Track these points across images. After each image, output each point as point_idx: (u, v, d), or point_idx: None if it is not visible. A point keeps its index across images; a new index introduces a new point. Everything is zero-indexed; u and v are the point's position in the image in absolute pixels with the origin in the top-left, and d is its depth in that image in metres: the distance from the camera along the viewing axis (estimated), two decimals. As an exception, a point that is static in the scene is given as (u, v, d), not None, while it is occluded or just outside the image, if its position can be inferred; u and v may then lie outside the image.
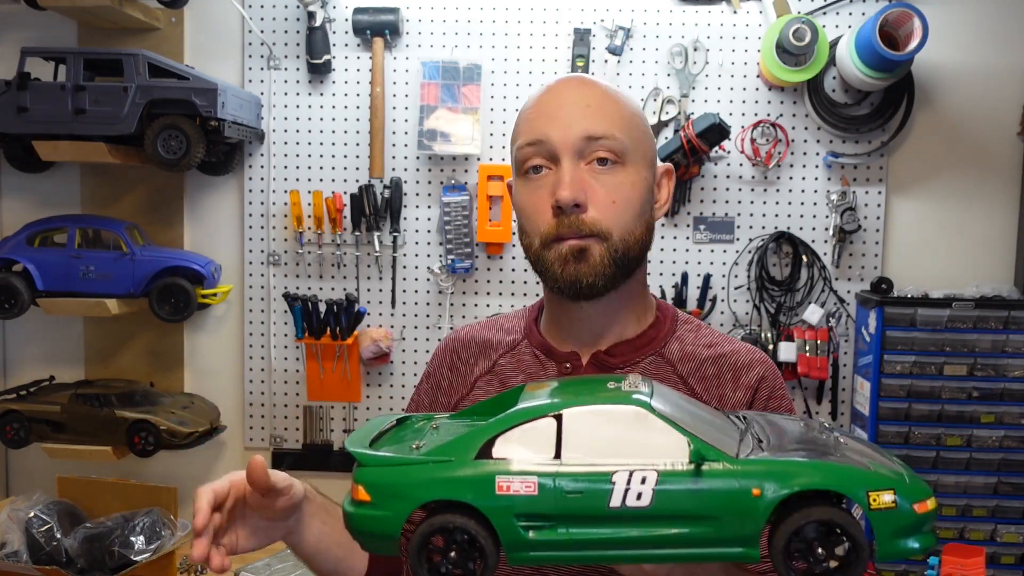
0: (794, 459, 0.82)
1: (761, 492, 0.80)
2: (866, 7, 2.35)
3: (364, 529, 0.86)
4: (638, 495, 0.80)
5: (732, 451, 0.83)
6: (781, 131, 2.37)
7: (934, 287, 2.33)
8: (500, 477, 0.82)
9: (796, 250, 2.39)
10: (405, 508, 0.83)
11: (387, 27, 2.38)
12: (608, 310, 1.19)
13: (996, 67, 2.37)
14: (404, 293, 2.48)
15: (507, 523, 0.81)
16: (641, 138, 1.18)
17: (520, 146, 1.17)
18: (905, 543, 0.80)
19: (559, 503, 0.81)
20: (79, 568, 2.05)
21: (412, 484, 0.83)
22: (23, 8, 2.32)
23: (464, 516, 0.82)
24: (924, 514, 0.80)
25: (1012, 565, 2.23)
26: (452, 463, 0.84)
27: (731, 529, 0.80)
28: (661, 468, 0.81)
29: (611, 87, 1.21)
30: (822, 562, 0.79)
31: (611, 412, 0.84)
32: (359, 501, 0.85)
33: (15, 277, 2.27)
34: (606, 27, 2.37)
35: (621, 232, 1.14)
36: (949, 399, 2.21)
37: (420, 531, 0.82)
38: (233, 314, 2.55)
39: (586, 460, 0.82)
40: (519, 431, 0.85)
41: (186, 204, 2.53)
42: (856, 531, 0.78)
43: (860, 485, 0.79)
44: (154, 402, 2.37)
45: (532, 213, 1.16)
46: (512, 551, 0.82)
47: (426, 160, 2.45)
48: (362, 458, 0.86)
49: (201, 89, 2.17)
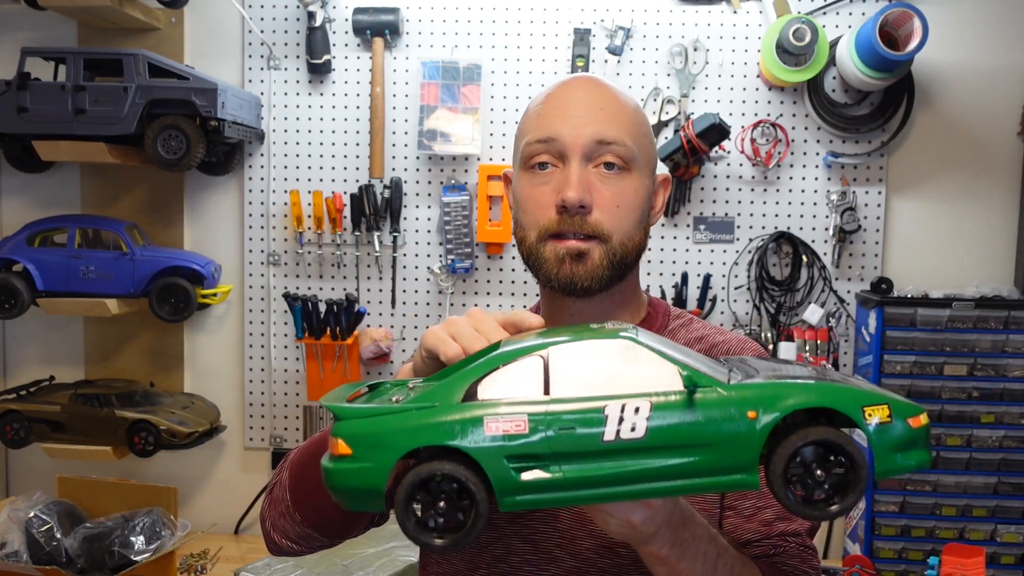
0: (786, 381, 0.81)
1: (757, 415, 0.78)
2: (866, 7, 2.35)
3: (347, 485, 0.81)
4: (632, 427, 0.78)
5: (723, 379, 0.82)
6: (781, 131, 2.37)
7: (934, 287, 2.33)
8: (489, 417, 0.79)
9: (796, 250, 2.39)
10: (390, 458, 0.79)
11: (387, 27, 2.38)
12: (601, 308, 1.20)
13: (996, 67, 2.37)
14: (404, 293, 2.48)
15: (498, 465, 0.78)
16: (647, 146, 1.20)
17: (529, 141, 1.17)
18: (903, 459, 0.80)
19: (551, 440, 0.79)
20: (79, 568, 2.05)
21: (395, 432, 0.79)
22: (23, 8, 2.32)
23: (452, 462, 0.78)
24: (918, 429, 0.80)
25: (1012, 565, 2.22)
26: (436, 408, 0.80)
27: (729, 456, 0.79)
28: (654, 398, 0.79)
29: (622, 91, 1.22)
30: (822, 483, 0.79)
31: (598, 346, 0.83)
32: (339, 455, 0.81)
33: (15, 277, 2.27)
34: (606, 27, 2.37)
35: (621, 236, 1.15)
36: (949, 399, 2.21)
37: (406, 482, 0.79)
38: (233, 314, 2.55)
39: (577, 395, 0.80)
40: (504, 372, 0.83)
41: (186, 204, 2.53)
42: (854, 450, 0.78)
43: (855, 402, 0.79)
44: (154, 402, 2.37)
45: (534, 208, 1.17)
46: (504, 495, 0.79)
47: (426, 160, 2.45)
48: (340, 411, 0.82)
49: (201, 89, 2.17)
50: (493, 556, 1.18)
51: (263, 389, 2.53)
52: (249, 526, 2.56)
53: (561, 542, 1.15)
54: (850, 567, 2.13)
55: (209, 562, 2.30)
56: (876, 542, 2.25)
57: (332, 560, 1.96)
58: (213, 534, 2.40)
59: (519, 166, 1.21)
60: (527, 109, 1.24)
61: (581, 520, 1.15)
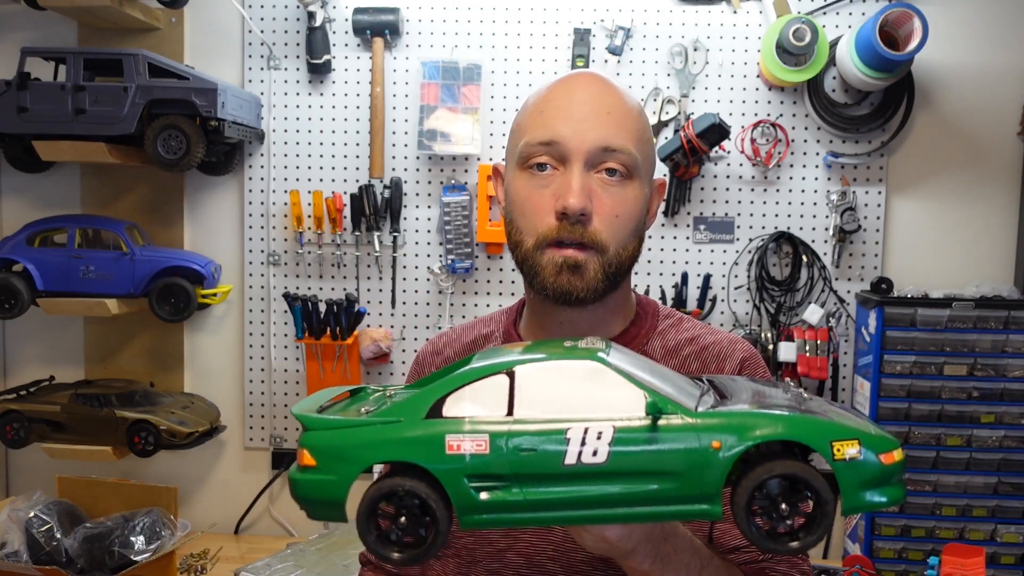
0: (754, 411, 0.79)
1: (721, 445, 0.77)
2: (866, 7, 2.35)
3: (310, 496, 0.83)
4: (594, 451, 0.77)
5: (691, 405, 0.80)
6: (781, 131, 2.37)
7: (934, 287, 2.33)
8: (450, 436, 0.78)
9: (796, 250, 2.39)
10: (352, 471, 0.80)
11: (387, 27, 2.38)
12: (593, 316, 1.18)
13: (996, 67, 2.37)
14: (404, 293, 2.48)
15: (458, 484, 0.78)
16: (649, 153, 1.17)
17: (529, 142, 1.13)
18: (872, 496, 0.77)
19: (512, 462, 0.78)
20: (79, 568, 2.05)
21: (358, 446, 0.80)
22: (23, 8, 2.32)
23: (414, 479, 0.79)
24: (891, 465, 0.77)
25: (1012, 565, 2.22)
26: (400, 424, 0.81)
27: (692, 485, 0.77)
28: (617, 423, 0.78)
29: (627, 92, 1.18)
30: (785, 518, 0.77)
31: (565, 367, 0.82)
32: (305, 466, 0.82)
33: (15, 277, 2.27)
34: (606, 27, 2.37)
35: (616, 247, 1.12)
36: (949, 399, 2.20)
37: (368, 496, 0.79)
38: (233, 314, 2.55)
39: (540, 416, 0.79)
40: (470, 390, 0.82)
41: (186, 204, 2.53)
42: (820, 485, 0.76)
43: (823, 435, 0.76)
44: (154, 402, 2.37)
45: (532, 212, 1.12)
46: (464, 514, 0.79)
47: (426, 160, 2.45)
48: (308, 421, 0.83)
49: (201, 89, 2.17)
50: (488, 570, 1.17)
51: (263, 389, 2.53)
52: (249, 526, 2.56)
53: (555, 555, 1.14)
54: (850, 567, 2.13)
55: (209, 562, 2.30)
56: (876, 542, 2.25)
57: (332, 560, 1.96)
58: (213, 534, 2.40)
59: (515, 163, 1.16)
60: (526, 103, 1.19)
61: None
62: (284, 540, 2.35)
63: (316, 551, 2.01)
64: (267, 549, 2.25)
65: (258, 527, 2.58)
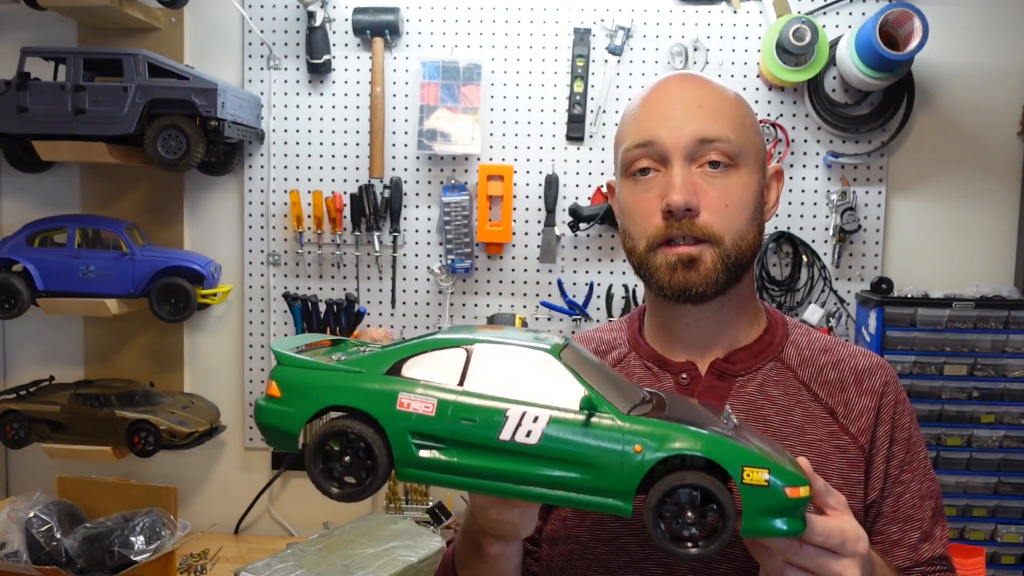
0: (678, 425, 0.85)
1: (642, 449, 0.83)
2: (866, 7, 2.35)
3: (269, 423, 0.92)
4: (527, 432, 0.84)
5: (624, 409, 0.86)
6: (781, 131, 2.37)
7: (934, 287, 2.33)
8: (403, 393, 0.87)
9: (796, 250, 2.39)
10: (309, 408, 0.89)
11: (387, 27, 2.38)
12: (718, 315, 1.15)
13: (996, 67, 2.37)
14: (404, 293, 2.48)
15: (402, 438, 0.86)
16: (753, 139, 1.14)
17: (628, 147, 1.12)
18: (773, 523, 0.83)
19: (453, 427, 0.86)
20: (79, 568, 2.05)
21: (320, 387, 0.89)
22: (23, 8, 2.32)
23: (364, 425, 0.87)
24: (796, 499, 0.83)
25: (1012, 565, 2.23)
26: (362, 375, 0.89)
27: (609, 480, 0.84)
28: (554, 412, 0.85)
29: (722, 84, 1.16)
30: (689, 525, 0.83)
31: (520, 354, 0.89)
32: (270, 396, 0.91)
33: (15, 277, 2.27)
34: (606, 27, 2.37)
35: (733, 237, 1.09)
36: (949, 399, 2.21)
37: (320, 431, 0.88)
38: (233, 314, 2.55)
39: (486, 393, 0.86)
40: (430, 356, 0.90)
41: (186, 204, 2.53)
42: (726, 501, 0.82)
43: (736, 459, 0.83)
44: (154, 402, 2.37)
45: (639, 216, 1.11)
46: (402, 466, 0.87)
47: (426, 160, 2.45)
48: (281, 358, 0.92)
49: (201, 89, 2.17)
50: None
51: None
52: (249, 526, 2.56)
53: (696, 566, 1.10)
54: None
55: (209, 562, 2.30)
56: (876, 542, 2.25)
57: (332, 560, 1.96)
58: (213, 534, 2.40)
59: (620, 174, 1.15)
60: (624, 115, 1.18)
61: None
62: (284, 540, 2.36)
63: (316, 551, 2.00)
64: (267, 549, 2.25)
65: (258, 527, 2.57)
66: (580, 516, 1.16)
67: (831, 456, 1.12)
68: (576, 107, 2.39)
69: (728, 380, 1.16)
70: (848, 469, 1.12)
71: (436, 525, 2.27)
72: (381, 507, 2.46)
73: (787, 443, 1.12)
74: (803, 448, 1.12)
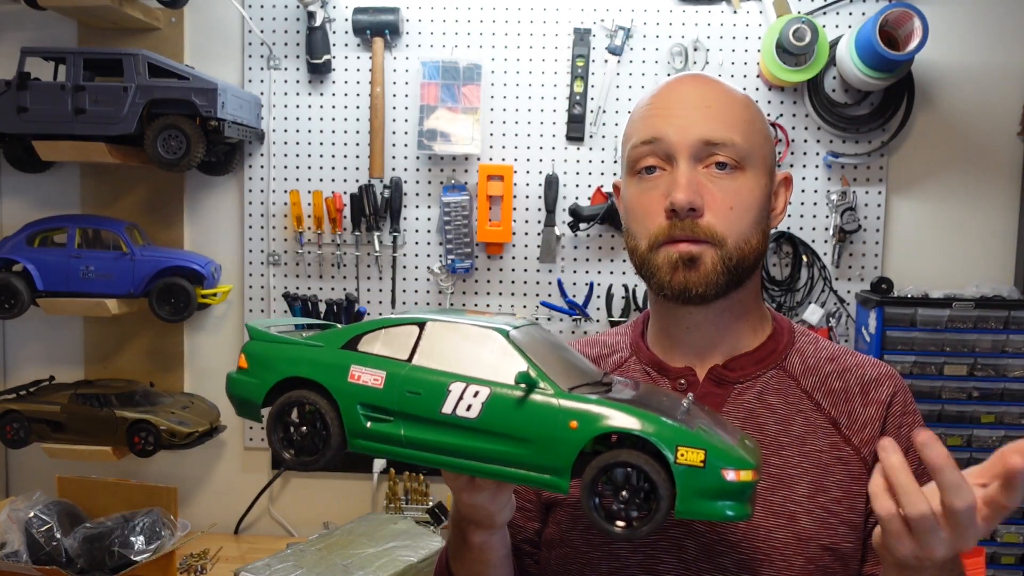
0: (618, 403, 0.86)
1: (578, 425, 0.84)
2: (866, 7, 2.35)
3: (236, 393, 0.98)
4: (468, 407, 0.87)
5: (565, 387, 0.87)
6: (781, 131, 2.37)
7: (934, 287, 2.33)
8: (354, 366, 0.91)
9: (796, 250, 2.39)
10: (270, 379, 0.94)
11: (387, 27, 2.38)
12: (719, 319, 1.14)
13: (996, 67, 2.37)
14: (404, 293, 2.48)
15: (352, 409, 0.91)
16: (762, 143, 1.13)
17: (634, 144, 1.12)
18: (712, 505, 0.82)
19: (399, 400, 0.89)
20: (79, 568, 2.04)
21: (281, 359, 0.94)
22: (23, 8, 2.32)
23: (319, 396, 0.92)
24: (735, 483, 0.82)
25: (1012, 565, 2.22)
26: (320, 349, 0.94)
27: (545, 456, 0.86)
28: (495, 389, 0.87)
29: (731, 86, 1.15)
30: (622, 504, 0.84)
31: (470, 332, 0.91)
32: (240, 368, 0.98)
33: (15, 277, 2.27)
34: (606, 27, 2.37)
35: (736, 239, 1.08)
36: (949, 399, 2.21)
37: (279, 401, 0.94)
38: (233, 314, 2.55)
39: (433, 367, 0.90)
40: (385, 333, 0.94)
41: (186, 204, 2.53)
42: (659, 481, 0.82)
43: (672, 438, 0.83)
44: (154, 402, 2.37)
45: (642, 214, 1.11)
46: (353, 437, 0.91)
47: (426, 160, 2.45)
48: (252, 332, 0.99)
49: (201, 89, 2.17)
50: None
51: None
52: (249, 526, 2.56)
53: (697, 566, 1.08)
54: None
55: (209, 562, 2.30)
56: (876, 542, 2.25)
57: (332, 560, 1.96)
58: (213, 534, 2.40)
59: (626, 172, 1.15)
60: (632, 114, 1.18)
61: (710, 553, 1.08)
62: (284, 540, 2.36)
63: (316, 551, 2.00)
64: (267, 549, 2.25)
65: (258, 527, 2.58)
66: (574, 520, 1.16)
67: (832, 467, 1.11)
68: (576, 107, 2.39)
69: (726, 387, 1.14)
70: (849, 480, 1.10)
71: (436, 525, 2.27)
72: (381, 507, 2.46)
73: (785, 452, 1.11)
74: (802, 458, 1.11)
